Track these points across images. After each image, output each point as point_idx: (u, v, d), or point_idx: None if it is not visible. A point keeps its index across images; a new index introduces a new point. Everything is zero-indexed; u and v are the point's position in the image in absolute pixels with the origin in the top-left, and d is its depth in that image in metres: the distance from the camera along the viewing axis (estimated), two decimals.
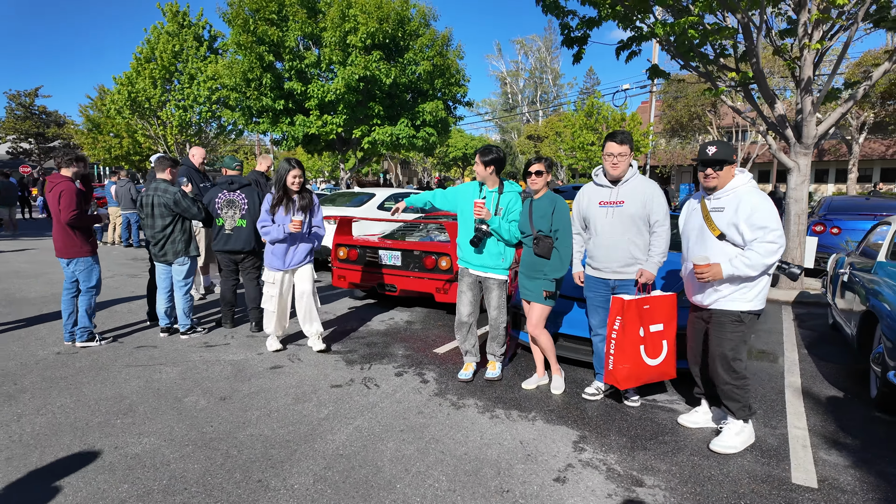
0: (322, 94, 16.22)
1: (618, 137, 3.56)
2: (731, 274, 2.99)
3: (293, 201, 4.59)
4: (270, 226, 4.57)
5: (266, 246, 4.71)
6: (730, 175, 3.13)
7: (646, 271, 3.54)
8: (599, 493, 2.65)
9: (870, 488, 2.72)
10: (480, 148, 3.89)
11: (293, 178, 4.54)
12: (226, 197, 5.33)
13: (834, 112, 7.30)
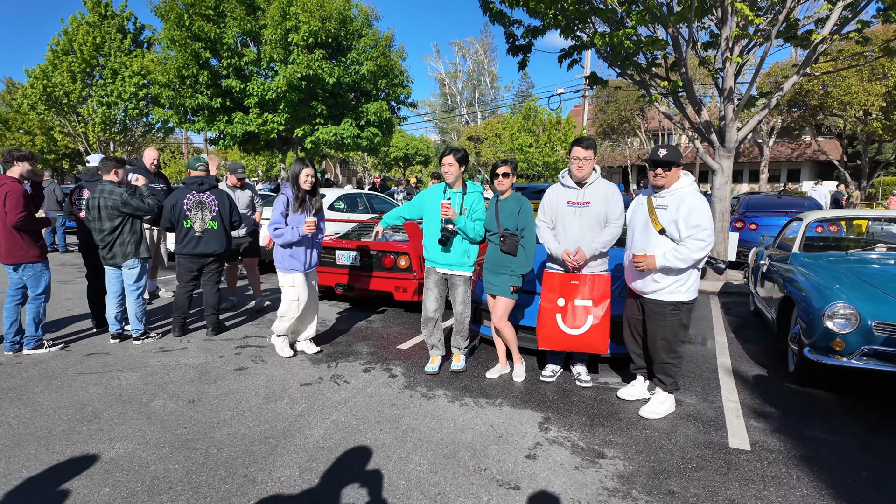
0: (262, 92, 15.88)
1: (583, 143, 3.88)
2: (663, 265, 3.38)
3: (306, 202, 4.49)
4: (284, 228, 4.42)
5: (277, 249, 4.55)
6: (676, 176, 3.51)
7: (581, 250, 3.86)
8: (567, 465, 2.92)
9: (792, 447, 3.14)
10: (448, 149, 4.08)
11: (306, 177, 4.44)
12: (195, 198, 5.21)
13: (752, 119, 8.06)
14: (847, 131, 26.98)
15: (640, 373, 3.92)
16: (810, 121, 25.69)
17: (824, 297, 3.79)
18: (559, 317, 3.86)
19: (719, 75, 8.18)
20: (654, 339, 3.58)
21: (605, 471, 2.87)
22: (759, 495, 2.64)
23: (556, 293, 3.88)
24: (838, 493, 2.68)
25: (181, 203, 5.17)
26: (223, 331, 5.53)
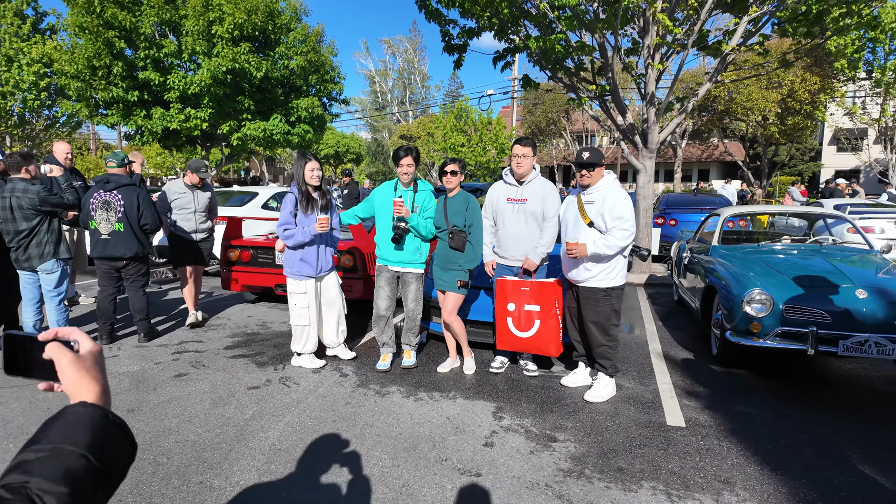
0: (184, 85, 15.08)
1: (523, 141, 4.09)
2: (594, 252, 3.66)
3: (314, 199, 4.18)
4: (293, 229, 4.12)
5: (287, 252, 4.26)
6: (600, 175, 3.78)
7: (529, 259, 4.08)
8: (523, 450, 3.05)
9: (720, 422, 3.46)
10: (403, 147, 4.10)
11: (311, 171, 4.13)
12: (101, 197, 4.87)
13: (671, 122, 8.65)
14: (749, 134, 29.45)
15: (581, 360, 4.15)
16: (718, 124, 27.79)
17: (742, 284, 4.18)
18: (510, 321, 4.04)
19: (641, 81, 8.71)
20: (590, 325, 3.84)
21: (559, 453, 3.03)
22: (697, 466, 2.90)
23: (507, 298, 4.02)
24: (762, 459, 2.98)
25: (87, 203, 4.85)
26: (156, 336, 5.25)
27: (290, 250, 4.24)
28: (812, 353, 3.77)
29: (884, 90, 19.17)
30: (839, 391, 4.07)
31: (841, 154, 33.48)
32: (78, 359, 0.81)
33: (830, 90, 21.90)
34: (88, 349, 0.83)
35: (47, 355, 0.80)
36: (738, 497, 2.61)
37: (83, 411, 0.75)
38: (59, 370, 0.79)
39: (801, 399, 3.88)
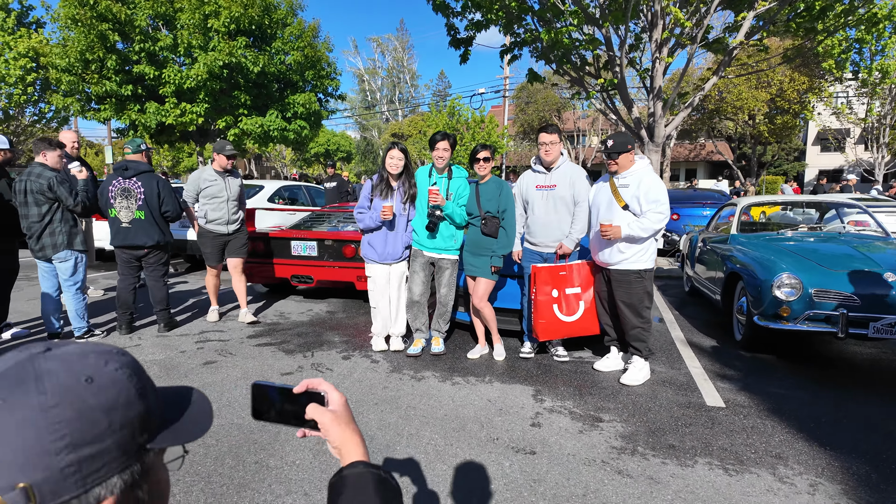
0: (180, 80, 14.88)
1: (549, 129, 4.11)
2: (627, 234, 3.69)
3: (392, 187, 4.16)
4: (366, 212, 4.16)
5: (362, 238, 4.33)
6: (628, 160, 3.81)
7: (564, 245, 4.11)
8: (572, 430, 3.06)
9: (760, 402, 3.50)
10: (440, 132, 4.10)
11: (390, 159, 4.12)
12: (120, 185, 4.78)
13: (677, 116, 8.74)
14: (736, 134, 29.86)
15: (613, 345, 4.18)
16: (707, 123, 28.14)
17: (770, 270, 4.23)
18: (555, 307, 4.03)
19: (648, 75, 8.80)
20: (623, 307, 3.86)
21: (607, 433, 3.04)
22: (746, 443, 2.93)
23: (549, 285, 4.01)
24: (807, 435, 3.03)
25: (105, 191, 4.76)
26: (175, 326, 5.18)
27: (364, 233, 4.32)
28: (843, 336, 3.83)
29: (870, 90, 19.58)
30: (865, 374, 4.14)
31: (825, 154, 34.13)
32: (337, 416, 0.85)
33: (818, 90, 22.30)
34: (338, 400, 0.87)
35: (309, 416, 0.84)
36: (793, 471, 2.64)
37: (364, 473, 0.79)
38: (324, 429, 0.84)
39: (829, 381, 3.94)
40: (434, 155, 4.10)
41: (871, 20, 8.03)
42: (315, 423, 0.85)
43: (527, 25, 8.78)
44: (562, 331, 4.14)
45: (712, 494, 2.42)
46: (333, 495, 0.78)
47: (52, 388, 0.52)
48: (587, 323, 4.18)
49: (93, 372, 0.55)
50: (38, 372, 0.53)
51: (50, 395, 0.51)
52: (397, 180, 4.21)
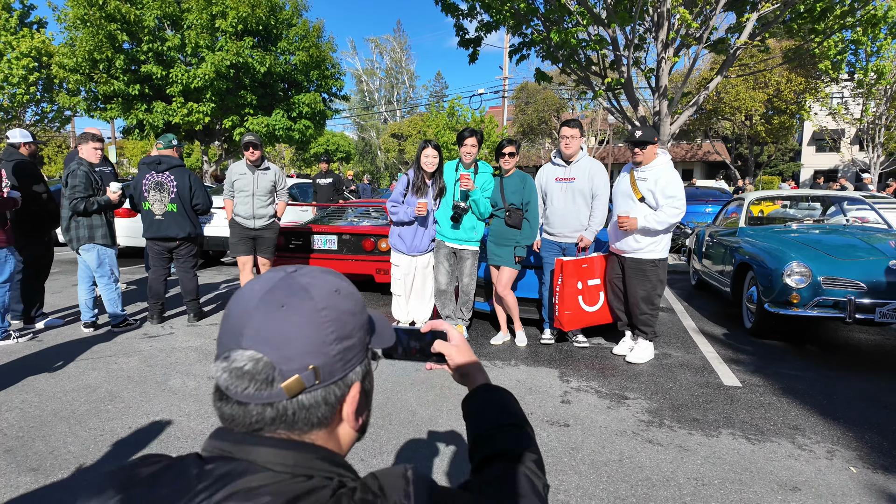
0: (187, 79, 15.02)
1: (571, 123, 4.31)
2: (643, 226, 3.90)
3: (426, 184, 4.34)
4: (400, 206, 4.36)
5: (392, 226, 4.53)
6: (652, 153, 4.00)
7: (585, 237, 4.31)
8: (600, 406, 3.25)
9: (773, 383, 3.69)
10: (468, 129, 4.28)
11: (425, 157, 4.30)
12: (154, 179, 4.96)
13: (682, 115, 8.95)
14: (733, 134, 30.16)
15: (626, 329, 4.37)
16: (705, 123, 28.41)
17: (780, 259, 4.44)
18: (580, 298, 4.24)
19: (653, 74, 9.01)
20: (636, 295, 4.07)
21: (634, 409, 3.23)
22: (765, 417, 3.13)
23: (574, 277, 4.21)
24: (821, 410, 3.23)
25: (140, 184, 4.94)
26: (205, 316, 5.34)
27: (393, 226, 4.51)
28: (850, 320, 4.04)
29: (865, 91, 19.87)
30: (871, 357, 4.35)
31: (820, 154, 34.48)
32: (460, 349, 0.97)
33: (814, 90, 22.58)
34: (458, 337, 0.99)
35: (436, 350, 0.96)
36: (810, 440, 2.84)
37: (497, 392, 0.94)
38: (451, 360, 0.96)
39: (837, 363, 4.14)
40: (462, 151, 4.28)
41: (869, 21, 8.26)
42: (441, 356, 0.99)
43: (535, 25, 8.98)
44: (585, 320, 4.34)
45: (738, 460, 2.61)
46: (471, 410, 0.94)
47: (317, 295, 0.67)
48: (606, 312, 4.41)
49: (337, 286, 0.71)
50: (302, 284, 0.68)
51: (317, 300, 0.67)
52: (431, 178, 4.38)
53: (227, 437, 0.64)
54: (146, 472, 0.65)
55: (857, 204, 6.35)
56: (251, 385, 0.62)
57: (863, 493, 2.34)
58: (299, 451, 0.63)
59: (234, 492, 0.58)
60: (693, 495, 2.31)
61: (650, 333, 4.15)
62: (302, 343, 0.64)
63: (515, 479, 0.78)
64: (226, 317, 0.67)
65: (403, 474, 0.66)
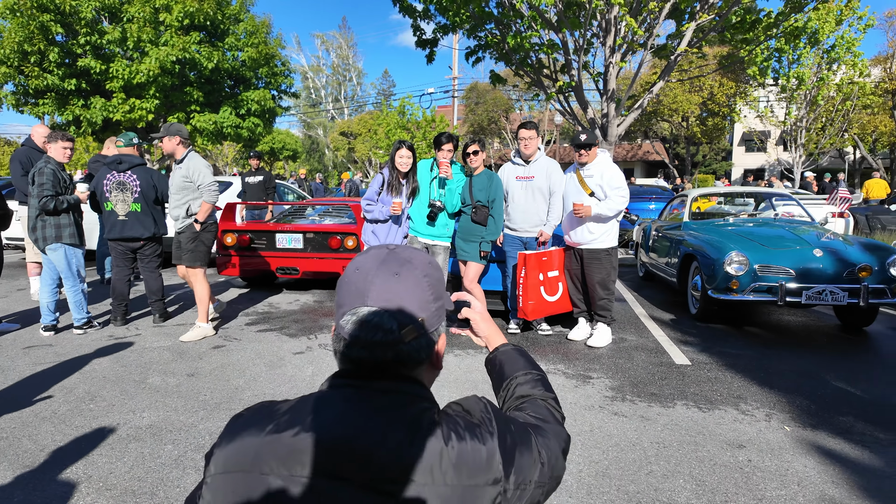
0: (129, 75, 14.43)
1: (528, 125, 4.63)
2: (597, 213, 4.31)
3: (400, 183, 4.44)
4: (374, 205, 4.45)
5: (365, 224, 4.58)
6: (594, 153, 4.39)
7: (544, 232, 4.62)
8: (568, 386, 3.54)
9: (718, 360, 4.11)
10: (445, 134, 4.46)
11: (400, 158, 4.39)
12: (115, 179, 4.88)
13: (628, 117, 9.49)
14: (671, 135, 31.77)
15: (582, 316, 4.73)
16: (645, 124, 29.80)
17: (721, 250, 4.89)
18: (542, 289, 4.52)
19: (601, 78, 9.50)
20: (593, 282, 4.45)
21: (598, 386, 3.54)
22: (712, 389, 3.50)
23: (536, 270, 4.50)
24: (759, 382, 3.64)
25: (101, 185, 4.86)
26: (170, 317, 5.29)
27: (367, 223, 4.60)
28: (781, 303, 4.52)
29: (788, 95, 21.46)
30: (800, 335, 4.87)
31: (749, 154, 36.80)
32: (483, 315, 1.16)
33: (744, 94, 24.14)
34: (478, 307, 1.18)
35: (463, 316, 1.15)
36: (752, 406, 3.22)
37: (514, 350, 1.14)
38: (475, 325, 1.15)
39: (772, 342, 4.63)
40: (439, 155, 4.45)
41: (792, 32, 9.05)
42: (467, 321, 1.18)
43: (490, 29, 9.28)
44: (547, 309, 4.64)
45: (692, 425, 2.95)
46: (495, 366, 1.14)
47: (419, 265, 0.87)
48: (566, 301, 4.73)
49: (430, 260, 0.92)
50: (406, 257, 0.88)
51: (419, 269, 0.87)
52: (405, 177, 4.52)
53: (351, 376, 0.83)
54: (285, 406, 0.82)
55: (784, 200, 7.00)
56: (378, 333, 0.80)
57: (795, 447, 2.71)
58: (409, 383, 0.83)
59: (369, 411, 0.77)
60: (657, 455, 2.61)
61: (608, 318, 4.50)
62: (414, 301, 0.83)
63: (542, 410, 1.00)
64: (345, 283, 0.85)
65: (479, 399, 0.88)
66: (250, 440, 0.78)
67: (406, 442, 0.75)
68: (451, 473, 0.74)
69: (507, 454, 0.79)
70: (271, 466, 0.75)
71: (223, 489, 0.77)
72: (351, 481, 0.73)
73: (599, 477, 2.42)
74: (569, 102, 10.07)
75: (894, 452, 2.66)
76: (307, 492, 0.73)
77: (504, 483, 0.77)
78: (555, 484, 0.88)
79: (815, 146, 23.28)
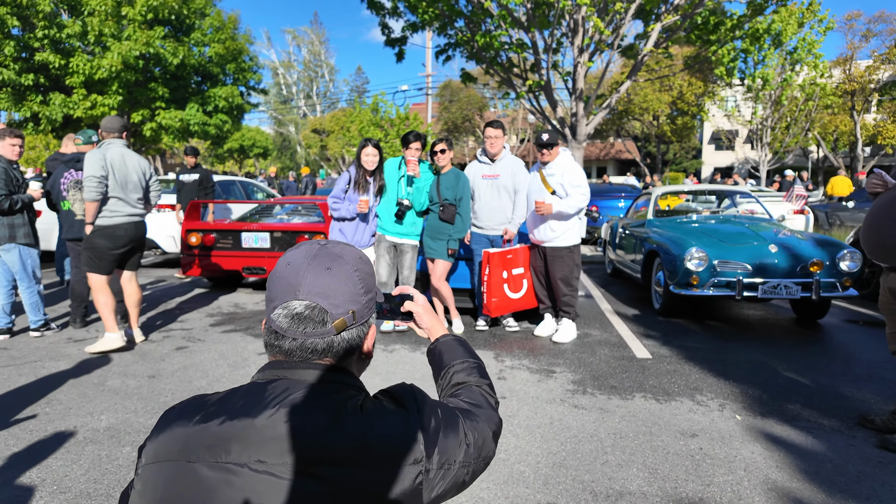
0: (91, 70, 14.02)
1: (494, 124, 4.68)
2: (558, 210, 4.38)
3: (367, 182, 4.46)
4: (341, 203, 4.44)
5: (332, 222, 4.58)
6: (556, 152, 4.49)
7: (509, 230, 4.68)
8: (531, 380, 3.60)
9: (678, 353, 4.23)
10: (413, 133, 4.46)
11: (366, 156, 4.41)
12: (73, 177, 4.76)
13: (596, 116, 9.65)
14: (642, 133, 32.35)
15: (548, 312, 4.81)
16: (617, 123, 30.28)
17: (682, 246, 5.02)
18: (506, 286, 4.57)
19: (570, 78, 9.63)
20: (556, 279, 4.54)
21: (561, 380, 3.61)
22: (671, 381, 3.60)
23: (500, 267, 4.55)
24: (716, 373, 3.76)
25: (57, 183, 4.73)
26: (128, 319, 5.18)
27: (334, 221, 4.61)
28: (739, 298, 4.67)
29: (754, 95, 22.06)
30: (755, 328, 5.04)
31: (718, 152, 37.69)
32: (426, 308, 1.19)
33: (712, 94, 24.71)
34: (421, 299, 1.20)
35: (406, 309, 1.17)
36: (706, 397, 3.33)
37: (454, 340, 1.18)
38: (418, 317, 1.17)
39: (730, 335, 4.78)
40: (407, 154, 4.46)
41: (754, 35, 9.32)
42: (410, 314, 1.20)
43: (460, 27, 9.32)
44: (511, 306, 4.71)
45: (649, 416, 3.04)
46: (435, 356, 1.18)
47: (350, 260, 0.91)
48: (530, 298, 4.80)
49: (359, 254, 0.96)
50: (337, 252, 0.91)
51: (350, 264, 0.91)
52: (371, 175, 4.53)
53: (281, 366, 0.86)
54: (214, 398, 0.84)
55: (746, 197, 7.22)
56: (309, 325, 0.84)
57: (745, 434, 2.82)
58: (338, 373, 0.87)
59: (296, 399, 0.79)
60: (613, 446, 2.68)
61: (572, 313, 4.59)
62: (344, 294, 0.87)
63: (476, 395, 1.05)
64: (276, 277, 0.88)
65: (407, 385, 0.92)
66: (179, 430, 0.80)
67: (329, 427, 0.78)
68: (373, 455, 0.78)
69: (431, 436, 0.83)
70: (198, 454, 0.77)
71: (153, 478, 0.78)
72: (274, 466, 0.75)
73: (556, 468, 2.48)
74: (539, 101, 10.18)
75: (835, 438, 2.78)
76: (232, 477, 0.75)
77: (426, 463, 0.81)
78: (483, 464, 0.92)
79: (780, 145, 24.00)
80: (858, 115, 25.55)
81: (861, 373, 3.79)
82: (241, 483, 0.75)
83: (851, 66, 25.60)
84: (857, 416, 3.02)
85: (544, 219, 4.46)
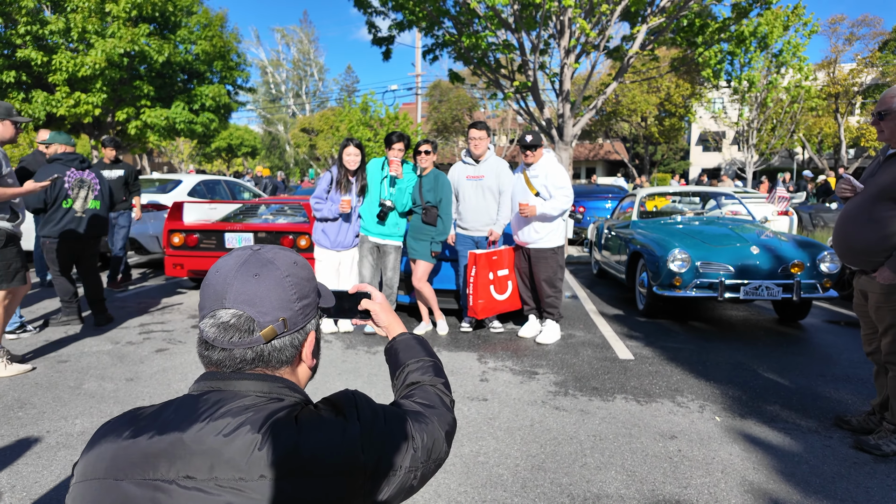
0: (74, 67, 13.82)
1: (478, 125, 4.67)
2: (542, 212, 4.38)
3: (350, 182, 4.45)
4: (324, 203, 4.43)
5: (315, 223, 4.57)
6: (540, 154, 4.49)
7: (494, 231, 4.67)
8: (514, 382, 3.59)
9: (660, 354, 4.24)
10: (396, 133, 4.43)
11: (347, 156, 4.40)
12: (76, 175, 4.71)
13: (583, 117, 9.67)
14: (630, 135, 32.55)
15: (532, 313, 4.81)
16: (605, 125, 30.43)
17: (665, 248, 5.04)
18: (492, 288, 4.57)
19: (557, 79, 9.64)
20: (541, 280, 4.54)
21: (543, 382, 3.60)
22: (652, 383, 3.61)
23: (486, 269, 4.54)
24: (697, 374, 3.78)
25: (61, 181, 4.66)
26: (109, 321, 5.11)
27: (317, 221, 4.59)
28: (721, 299, 4.70)
29: (740, 97, 22.27)
30: (737, 329, 5.07)
31: (706, 153, 38.04)
32: (383, 306, 1.18)
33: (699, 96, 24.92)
34: (380, 296, 1.19)
35: (363, 307, 1.16)
36: (687, 398, 3.34)
37: (411, 338, 1.17)
38: (375, 315, 1.16)
39: (713, 336, 4.81)
40: (390, 154, 4.44)
41: (739, 37, 9.40)
42: (367, 312, 1.18)
43: (447, 27, 9.30)
44: (496, 308, 4.70)
45: (629, 418, 3.04)
46: (392, 355, 1.16)
47: (282, 266, 0.88)
48: (515, 299, 4.80)
49: (295, 259, 0.93)
50: (268, 257, 0.88)
51: (281, 270, 0.88)
52: (354, 175, 4.52)
53: (214, 377, 0.83)
54: (148, 411, 0.82)
55: (730, 199, 7.27)
56: (236, 334, 0.81)
57: (723, 436, 2.83)
58: (273, 382, 0.84)
59: (228, 409, 0.78)
60: (592, 448, 2.68)
61: (556, 315, 4.60)
62: (273, 301, 0.84)
63: (430, 395, 1.03)
64: (206, 286, 0.86)
65: (349, 393, 0.89)
66: (108, 446, 0.77)
67: (258, 441, 0.75)
68: (307, 467, 0.75)
69: (372, 443, 0.81)
70: (125, 472, 0.74)
71: (80, 498, 0.76)
72: (203, 482, 0.73)
73: (535, 470, 2.47)
74: (526, 102, 10.19)
75: (812, 439, 2.80)
76: (160, 495, 0.73)
77: (366, 471, 0.79)
78: (433, 467, 0.90)
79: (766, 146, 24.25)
80: (842, 118, 25.90)
81: (839, 373, 3.83)
82: (169, 501, 0.73)
83: (835, 70, 25.96)
84: (834, 416, 3.04)
85: (528, 220, 4.46)
